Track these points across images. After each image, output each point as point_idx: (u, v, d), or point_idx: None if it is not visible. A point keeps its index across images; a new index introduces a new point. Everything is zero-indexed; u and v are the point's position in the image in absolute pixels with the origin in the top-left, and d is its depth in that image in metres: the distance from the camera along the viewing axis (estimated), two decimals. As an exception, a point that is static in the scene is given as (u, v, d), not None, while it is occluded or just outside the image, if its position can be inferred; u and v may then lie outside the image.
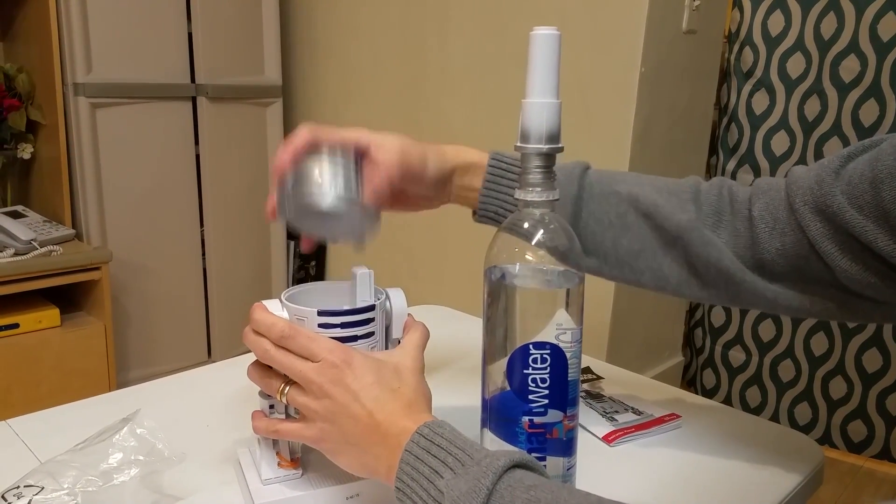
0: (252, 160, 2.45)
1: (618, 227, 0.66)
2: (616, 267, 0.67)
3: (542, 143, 0.53)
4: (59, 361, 1.93)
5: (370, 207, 0.62)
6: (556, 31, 0.52)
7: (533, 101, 0.53)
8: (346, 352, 0.55)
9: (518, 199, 0.54)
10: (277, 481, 0.60)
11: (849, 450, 2.17)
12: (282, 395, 0.57)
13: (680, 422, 0.79)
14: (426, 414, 0.54)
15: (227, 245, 2.39)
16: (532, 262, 0.53)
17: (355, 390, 0.53)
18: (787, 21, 2.09)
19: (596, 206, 0.67)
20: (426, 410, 0.55)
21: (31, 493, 0.56)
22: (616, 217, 0.67)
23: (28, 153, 2.06)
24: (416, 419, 0.52)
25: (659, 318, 2.26)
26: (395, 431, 0.52)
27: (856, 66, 2.00)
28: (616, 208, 0.67)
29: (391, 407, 0.53)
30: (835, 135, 2.07)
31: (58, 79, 1.96)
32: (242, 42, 2.36)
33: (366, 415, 0.53)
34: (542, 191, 0.53)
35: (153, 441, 0.64)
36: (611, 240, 0.67)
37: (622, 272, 0.67)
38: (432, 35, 2.25)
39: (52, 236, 1.95)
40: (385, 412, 0.53)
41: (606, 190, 0.68)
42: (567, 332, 0.53)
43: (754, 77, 2.17)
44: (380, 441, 0.53)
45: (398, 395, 0.54)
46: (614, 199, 0.67)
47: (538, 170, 0.53)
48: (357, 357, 0.55)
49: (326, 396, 0.54)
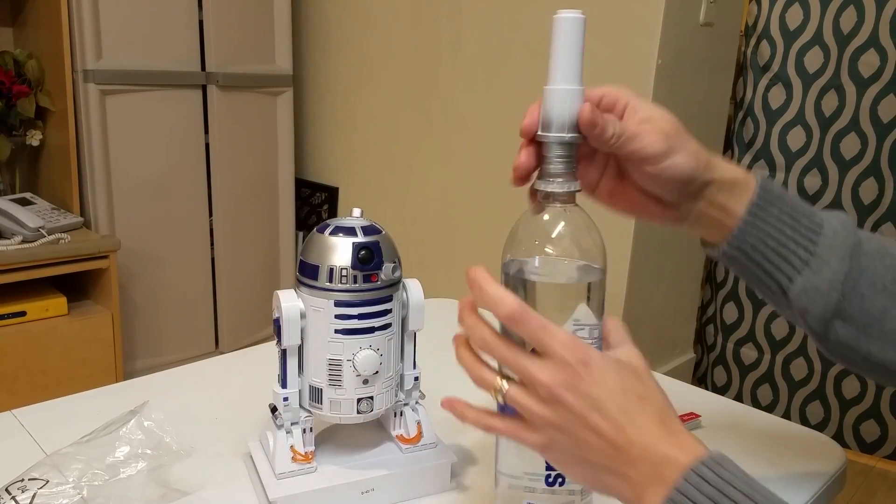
0: (262, 149, 2.43)
1: (893, 293, 0.56)
2: (877, 341, 0.56)
3: (565, 132, 0.50)
4: (66, 350, 1.92)
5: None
6: (580, 15, 0.50)
7: (556, 88, 0.50)
8: (583, 349, 0.46)
9: (538, 189, 0.52)
10: (292, 475, 0.59)
11: (861, 450, 2.15)
12: (498, 393, 0.48)
13: (700, 421, 0.77)
14: (690, 438, 0.46)
15: (236, 235, 2.38)
16: (552, 255, 0.51)
17: (596, 398, 0.45)
18: (806, 14, 2.06)
19: (869, 264, 0.56)
20: (685, 430, 0.47)
21: (36, 486, 0.54)
22: (892, 282, 0.56)
23: (37, 140, 2.05)
24: (683, 446, 0.45)
25: (670, 314, 2.24)
26: (655, 459, 0.44)
27: (875, 60, 1.97)
28: (892, 272, 0.56)
29: (642, 421, 0.45)
30: (852, 131, 2.04)
31: (67, 65, 1.95)
32: (253, 30, 2.34)
33: (611, 429, 0.45)
34: (563, 181, 0.51)
35: (161, 434, 0.62)
36: (880, 308, 0.55)
37: (882, 349, 0.56)
38: (445, 24, 2.23)
39: (60, 224, 1.93)
40: (636, 428, 0.45)
41: (880, 249, 0.57)
42: (585, 329, 0.51)
43: (771, 71, 2.14)
44: (630, 463, 0.45)
45: (647, 405, 0.46)
46: (889, 260, 0.57)
47: (560, 160, 0.51)
48: (595, 356, 0.46)
49: (558, 403, 0.46)
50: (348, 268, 0.56)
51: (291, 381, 0.59)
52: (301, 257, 0.58)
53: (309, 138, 2.72)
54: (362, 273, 0.57)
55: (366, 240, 0.57)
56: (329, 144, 2.68)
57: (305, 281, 0.58)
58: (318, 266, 0.57)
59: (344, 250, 0.56)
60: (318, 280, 0.57)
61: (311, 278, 0.57)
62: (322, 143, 2.70)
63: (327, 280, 0.57)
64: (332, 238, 0.57)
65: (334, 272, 0.56)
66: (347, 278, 0.56)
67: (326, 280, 0.57)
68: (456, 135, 2.26)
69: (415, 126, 2.38)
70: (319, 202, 2.71)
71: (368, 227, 0.58)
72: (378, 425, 0.66)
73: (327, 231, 0.58)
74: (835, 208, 2.10)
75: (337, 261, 0.56)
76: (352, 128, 2.59)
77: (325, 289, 0.57)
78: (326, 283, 0.57)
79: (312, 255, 0.57)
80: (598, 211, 0.56)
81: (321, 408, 0.59)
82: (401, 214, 2.46)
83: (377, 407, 0.60)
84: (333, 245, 0.57)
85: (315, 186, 2.72)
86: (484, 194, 2.18)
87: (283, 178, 2.52)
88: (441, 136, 2.30)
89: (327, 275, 0.56)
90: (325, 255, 0.57)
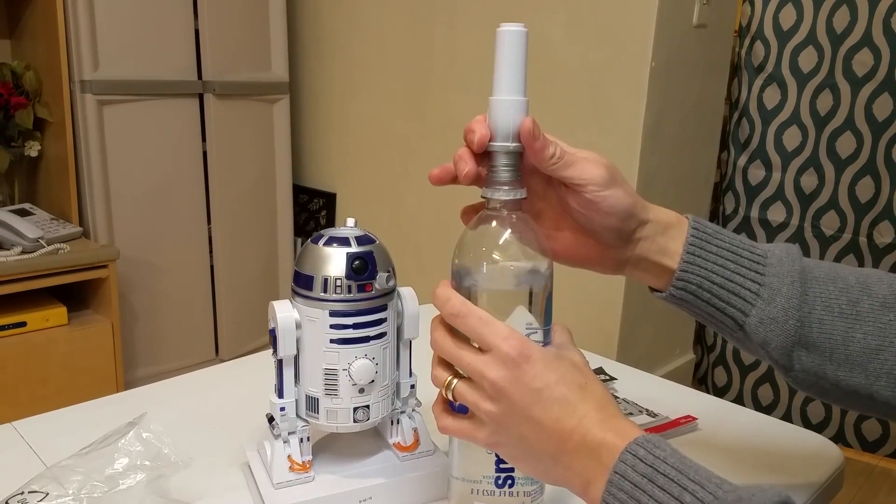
0: (259, 156, 2.44)
1: (850, 316, 0.54)
2: (844, 366, 0.54)
3: (510, 141, 0.52)
4: (67, 360, 1.92)
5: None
6: (524, 28, 0.51)
7: (500, 99, 0.52)
8: (523, 342, 0.47)
9: (484, 197, 0.53)
10: (289, 485, 0.59)
11: (863, 449, 2.15)
12: (448, 389, 0.50)
13: (696, 424, 0.77)
14: (626, 423, 0.46)
15: (235, 242, 2.38)
16: (499, 261, 0.52)
17: (538, 390, 0.46)
18: (799, 15, 2.06)
19: (821, 289, 0.55)
20: (622, 416, 0.47)
21: (36, 499, 0.55)
22: (847, 304, 0.54)
23: (35, 151, 2.05)
24: (619, 430, 0.45)
25: (669, 315, 2.24)
26: (594, 443, 0.45)
27: (869, 59, 1.98)
28: (847, 294, 0.55)
29: (582, 410, 0.46)
30: (847, 129, 2.05)
31: (65, 76, 1.95)
32: (249, 38, 2.35)
33: (552, 420, 0.46)
34: (509, 189, 0.52)
35: (159, 445, 0.63)
36: (841, 332, 0.54)
37: (851, 374, 0.54)
38: (440, 30, 2.24)
39: (60, 234, 1.94)
40: (576, 417, 0.46)
41: (830, 273, 0.56)
42: (538, 332, 0.52)
43: (765, 71, 2.14)
44: (572, 451, 0.46)
45: (587, 394, 0.47)
46: (842, 283, 0.55)
47: (506, 168, 0.52)
48: (535, 349, 0.47)
49: (502, 397, 0.47)
50: (342, 278, 0.57)
51: (288, 390, 0.60)
52: (296, 268, 0.59)
53: (306, 144, 2.73)
54: (356, 283, 0.57)
55: (359, 250, 0.58)
56: (326, 150, 2.69)
57: (300, 291, 0.58)
58: (312, 276, 0.57)
59: (338, 261, 0.57)
60: (313, 290, 0.57)
61: (306, 288, 0.58)
62: (319, 149, 2.71)
63: (322, 290, 0.57)
64: (327, 248, 0.58)
65: (329, 282, 0.57)
66: (342, 288, 0.57)
67: (321, 290, 0.57)
68: (452, 139, 2.26)
69: (411, 130, 2.38)
70: (317, 208, 2.71)
71: (362, 237, 0.59)
72: (375, 433, 0.67)
73: (321, 241, 0.58)
74: (832, 207, 2.11)
75: (331, 271, 0.57)
76: (348, 133, 2.59)
77: (320, 299, 0.57)
78: (321, 293, 0.57)
79: (307, 265, 0.58)
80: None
81: (318, 417, 0.59)
82: (398, 219, 2.47)
83: (373, 415, 0.60)
84: (327, 255, 0.57)
85: (313, 192, 2.73)
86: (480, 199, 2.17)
87: (280, 184, 2.53)
88: (437, 140, 2.30)
89: (322, 285, 0.57)
90: (320, 266, 0.57)
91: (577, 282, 2.04)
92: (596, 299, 1.96)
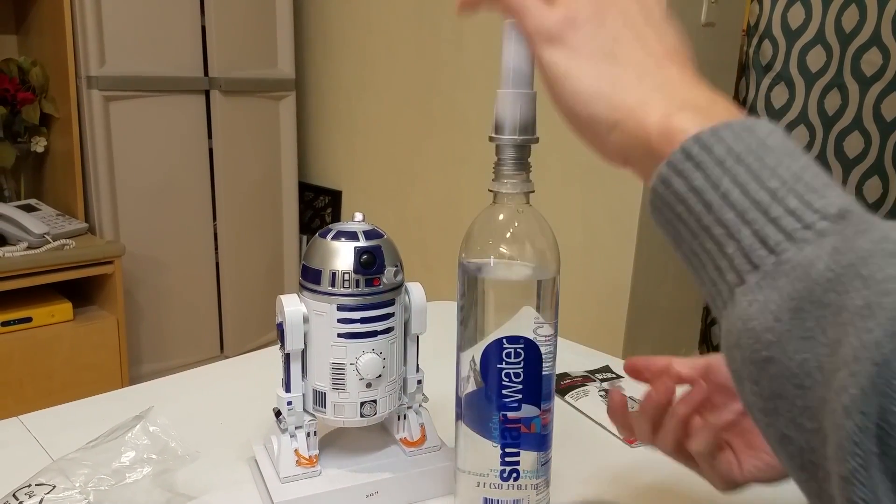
0: (265, 153, 2.44)
1: None
2: None
3: (517, 134, 0.52)
4: (72, 355, 1.92)
5: None
6: None
7: (507, 92, 0.51)
8: None
9: (492, 191, 0.53)
10: (296, 479, 0.59)
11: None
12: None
13: (704, 422, 0.77)
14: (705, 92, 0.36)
15: (240, 239, 2.38)
16: (506, 255, 0.53)
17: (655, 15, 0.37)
18: (808, 14, 2.06)
19: None
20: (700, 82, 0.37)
21: (43, 491, 0.55)
22: None
23: (41, 146, 2.06)
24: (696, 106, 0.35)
25: (676, 314, 2.23)
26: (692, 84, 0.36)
27: (878, 59, 1.97)
28: None
29: (682, 45, 0.37)
30: (855, 129, 2.04)
31: (71, 72, 1.96)
32: (256, 35, 2.35)
33: (654, 35, 0.37)
34: (517, 182, 0.52)
35: (166, 439, 0.63)
36: None
37: None
38: (446, 26, 2.23)
39: (65, 230, 1.94)
40: (677, 50, 0.37)
41: None
42: (545, 326, 0.52)
43: (774, 71, 2.13)
44: (662, 85, 0.36)
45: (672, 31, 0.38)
46: None
47: (512, 161, 0.52)
48: None
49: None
50: (350, 272, 0.56)
51: (295, 385, 0.60)
52: (304, 262, 0.59)
53: (312, 142, 2.73)
54: (364, 277, 0.57)
55: (368, 244, 0.57)
56: (332, 148, 2.69)
57: (308, 285, 0.58)
58: (320, 270, 0.57)
59: (346, 255, 0.57)
60: (321, 284, 0.57)
61: (314, 283, 0.57)
62: (325, 146, 2.71)
63: (330, 284, 0.57)
64: (335, 243, 0.57)
65: (336, 276, 0.57)
66: (350, 282, 0.57)
67: (329, 284, 0.57)
68: (458, 136, 2.26)
69: (417, 128, 2.38)
70: (323, 205, 2.71)
71: (370, 232, 0.59)
72: (382, 428, 0.66)
73: (329, 236, 0.58)
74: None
75: (339, 265, 0.57)
76: (354, 131, 2.59)
77: (328, 293, 0.57)
78: (329, 287, 0.57)
79: (315, 259, 0.58)
80: (599, 208, 0.56)
81: (325, 411, 0.59)
82: (404, 216, 2.46)
83: (380, 410, 0.60)
84: (335, 250, 0.57)
85: (318, 190, 2.73)
86: (487, 196, 2.17)
87: (286, 181, 2.53)
88: (443, 137, 2.30)
89: (330, 279, 0.57)
90: (328, 260, 0.57)
91: (582, 281, 2.04)
92: (602, 298, 1.95)
